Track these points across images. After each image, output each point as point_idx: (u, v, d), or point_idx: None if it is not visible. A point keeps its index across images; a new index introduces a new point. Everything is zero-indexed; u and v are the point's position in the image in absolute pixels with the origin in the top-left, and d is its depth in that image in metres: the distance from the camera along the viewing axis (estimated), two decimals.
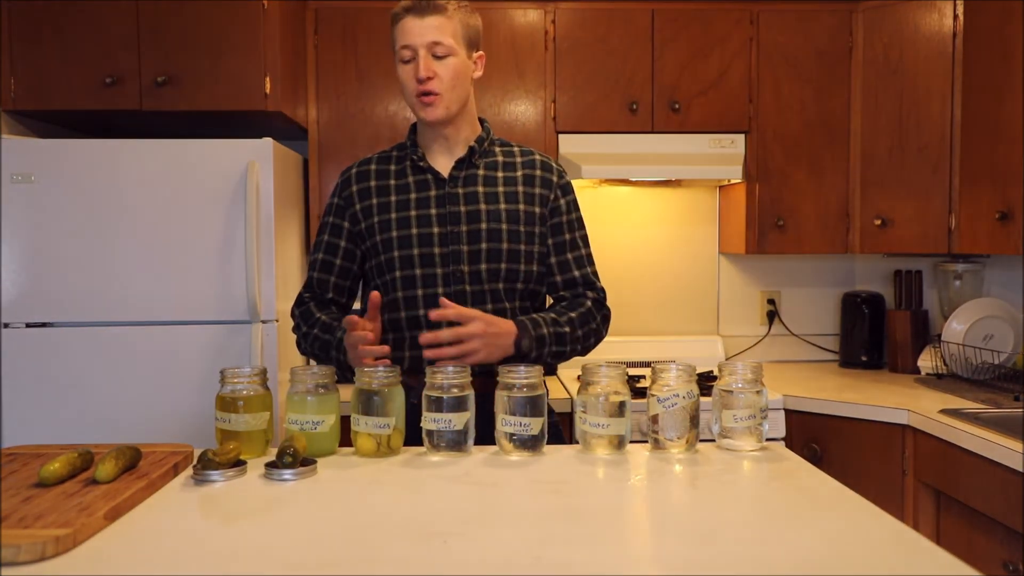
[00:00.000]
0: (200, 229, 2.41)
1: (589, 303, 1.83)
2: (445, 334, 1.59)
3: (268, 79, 2.54)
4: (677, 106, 2.90)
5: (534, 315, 1.74)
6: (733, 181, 3.02)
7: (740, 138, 2.93)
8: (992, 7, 2.53)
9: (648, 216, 3.28)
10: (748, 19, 2.92)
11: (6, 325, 2.39)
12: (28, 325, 2.40)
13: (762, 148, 2.94)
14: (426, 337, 1.60)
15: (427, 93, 1.71)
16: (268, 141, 2.43)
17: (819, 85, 2.94)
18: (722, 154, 2.92)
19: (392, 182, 1.80)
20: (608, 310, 1.88)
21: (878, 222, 2.86)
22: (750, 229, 2.97)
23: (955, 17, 2.68)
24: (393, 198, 1.77)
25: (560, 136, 2.91)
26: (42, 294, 2.38)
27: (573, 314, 1.77)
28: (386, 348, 1.60)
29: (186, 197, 2.40)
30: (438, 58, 1.70)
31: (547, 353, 1.71)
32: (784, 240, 2.96)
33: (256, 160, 2.40)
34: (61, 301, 2.39)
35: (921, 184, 2.76)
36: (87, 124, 2.77)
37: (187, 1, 2.51)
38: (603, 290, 1.88)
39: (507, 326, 1.66)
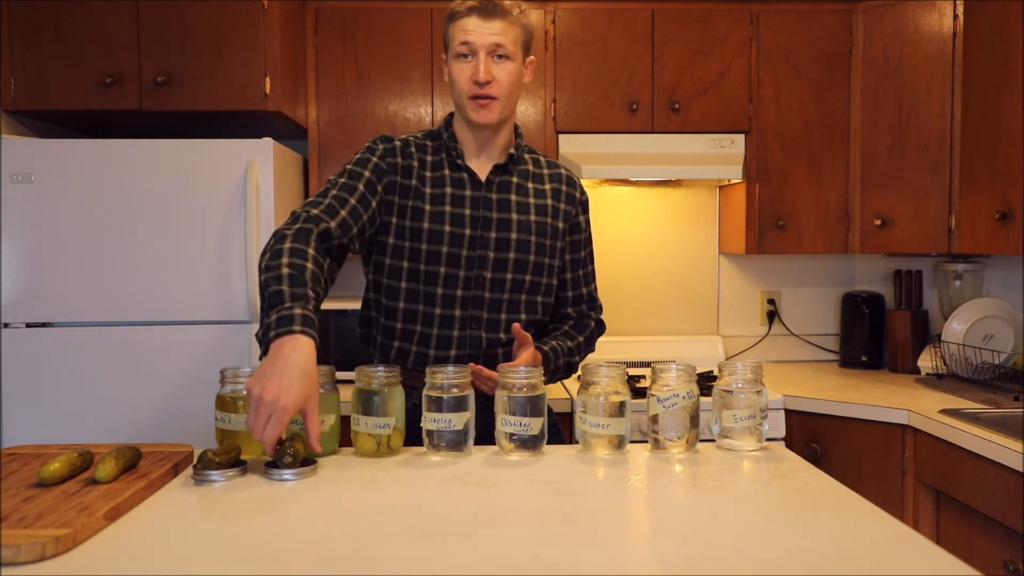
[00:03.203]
0: (200, 229, 2.41)
1: (593, 324, 1.90)
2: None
3: (268, 79, 2.54)
4: (677, 106, 2.90)
5: (556, 343, 1.77)
6: (733, 181, 3.02)
7: (740, 138, 2.93)
8: (992, 7, 2.53)
9: (648, 216, 3.28)
10: (748, 19, 2.92)
11: (6, 325, 2.39)
12: (28, 325, 2.40)
13: (762, 148, 2.94)
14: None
15: (483, 96, 1.68)
16: (268, 141, 2.43)
17: (819, 85, 2.94)
18: (722, 154, 2.92)
19: (428, 173, 1.75)
20: (604, 327, 1.96)
21: (878, 222, 2.86)
22: (750, 229, 2.97)
23: (955, 17, 2.68)
24: (428, 190, 1.73)
25: (560, 136, 2.91)
26: (42, 294, 2.38)
27: (581, 339, 1.85)
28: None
29: (186, 197, 2.40)
30: (498, 60, 1.68)
31: (553, 379, 1.80)
32: (784, 240, 2.96)
33: (256, 160, 2.41)
34: (61, 301, 2.39)
35: (921, 184, 2.76)
36: (87, 124, 2.77)
37: (187, 1, 2.51)
38: (602, 307, 1.95)
39: (539, 363, 1.68)
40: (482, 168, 1.78)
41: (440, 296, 1.72)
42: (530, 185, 1.80)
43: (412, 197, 1.72)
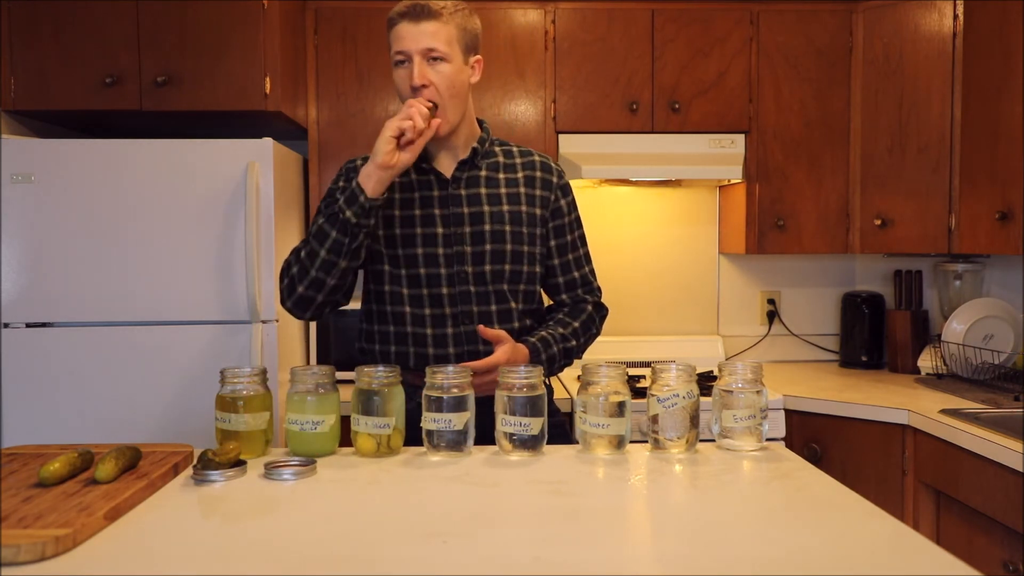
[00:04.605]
0: (200, 229, 2.40)
1: (590, 308, 1.88)
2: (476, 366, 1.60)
3: (268, 79, 2.54)
4: (677, 106, 2.90)
5: (545, 333, 1.75)
6: (733, 181, 3.02)
7: (740, 138, 2.93)
8: (992, 7, 2.53)
9: (648, 216, 3.28)
10: (748, 19, 2.92)
11: (6, 325, 2.38)
12: (28, 325, 2.40)
13: (762, 148, 2.94)
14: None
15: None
16: (268, 141, 2.43)
17: (819, 85, 2.94)
18: (722, 154, 2.92)
19: (396, 180, 1.77)
20: (606, 309, 1.93)
21: (878, 222, 2.86)
22: (750, 229, 2.97)
23: (955, 17, 2.68)
24: (397, 195, 1.76)
25: (560, 136, 2.91)
26: (42, 294, 2.38)
27: (576, 324, 1.82)
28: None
29: (186, 197, 2.40)
30: (433, 62, 1.68)
31: (555, 368, 1.77)
32: (784, 240, 2.96)
33: (256, 160, 2.40)
34: (61, 301, 2.39)
35: (921, 184, 2.76)
36: (87, 124, 2.77)
37: (187, 1, 2.51)
38: (600, 289, 1.92)
39: (523, 356, 1.67)
40: (448, 167, 1.79)
41: (427, 296, 1.73)
42: (500, 176, 1.81)
43: (381, 207, 1.73)
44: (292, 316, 1.77)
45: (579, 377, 1.58)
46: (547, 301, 1.92)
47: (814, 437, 2.55)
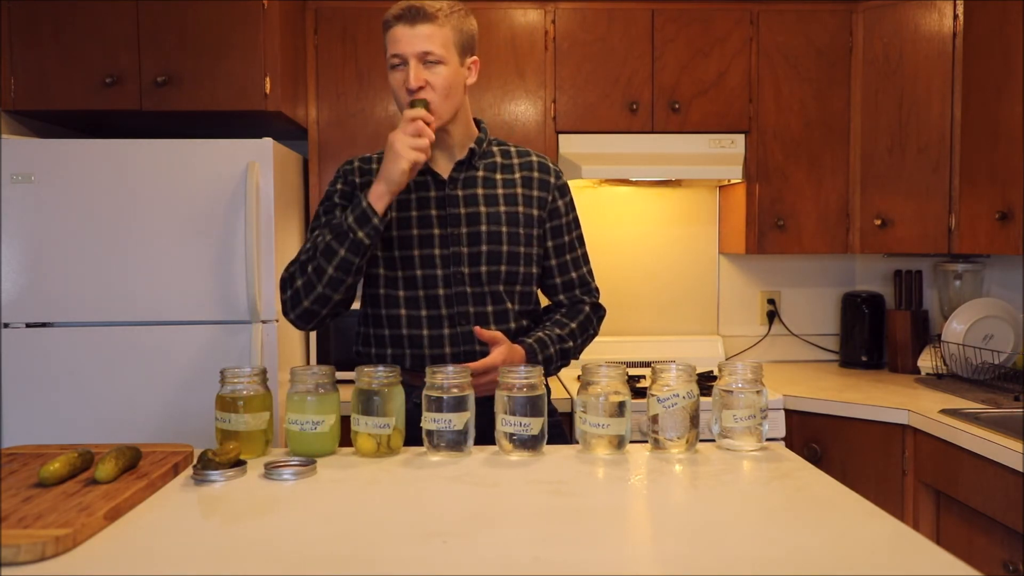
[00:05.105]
0: (200, 229, 2.40)
1: (587, 308, 1.87)
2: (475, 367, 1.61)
3: (268, 79, 2.54)
4: (677, 106, 2.90)
5: (542, 334, 1.75)
6: (733, 181, 3.02)
7: (740, 138, 2.93)
8: (992, 7, 2.53)
9: (648, 216, 3.28)
10: (748, 19, 2.92)
11: (6, 325, 2.38)
12: (28, 325, 2.40)
13: (762, 148, 2.94)
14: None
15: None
16: (268, 141, 2.43)
17: (819, 85, 2.94)
18: (722, 154, 2.92)
19: None
20: (603, 310, 1.92)
21: (878, 222, 2.86)
22: (750, 229, 2.97)
23: (955, 17, 2.68)
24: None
25: (560, 136, 2.91)
26: (42, 294, 2.38)
27: (574, 324, 1.82)
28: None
29: (186, 197, 2.40)
30: (429, 64, 1.67)
31: (552, 369, 1.77)
32: (784, 240, 2.96)
33: (256, 160, 2.40)
34: (61, 301, 2.39)
35: (921, 184, 2.76)
36: (87, 124, 2.77)
37: (187, 1, 2.51)
38: (598, 289, 1.92)
39: (519, 357, 1.67)
40: (445, 168, 1.78)
41: (423, 298, 1.74)
42: (498, 176, 1.80)
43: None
44: (294, 327, 1.77)
45: (579, 377, 1.58)
46: (545, 302, 1.92)
47: (814, 437, 2.55)
